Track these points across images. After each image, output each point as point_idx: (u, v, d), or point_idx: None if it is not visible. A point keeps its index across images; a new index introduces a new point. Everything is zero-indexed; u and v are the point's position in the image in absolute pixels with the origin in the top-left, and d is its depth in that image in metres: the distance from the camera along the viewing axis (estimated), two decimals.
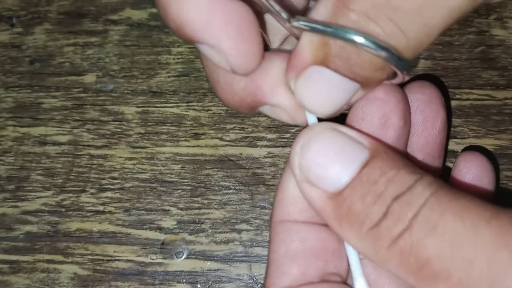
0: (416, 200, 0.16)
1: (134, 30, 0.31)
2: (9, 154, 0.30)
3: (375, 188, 0.17)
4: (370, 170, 0.17)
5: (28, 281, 0.28)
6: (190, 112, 0.30)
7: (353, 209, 0.17)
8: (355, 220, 0.17)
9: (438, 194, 0.16)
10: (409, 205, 0.16)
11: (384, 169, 0.17)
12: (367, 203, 0.17)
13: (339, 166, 0.18)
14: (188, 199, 0.29)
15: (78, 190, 0.29)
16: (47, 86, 0.31)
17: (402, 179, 0.17)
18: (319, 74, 0.18)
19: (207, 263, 0.28)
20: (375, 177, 0.17)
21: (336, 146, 0.18)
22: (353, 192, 0.17)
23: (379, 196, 0.17)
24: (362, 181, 0.17)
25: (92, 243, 0.28)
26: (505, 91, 0.29)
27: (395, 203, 0.17)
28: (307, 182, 0.18)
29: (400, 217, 0.16)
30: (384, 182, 0.17)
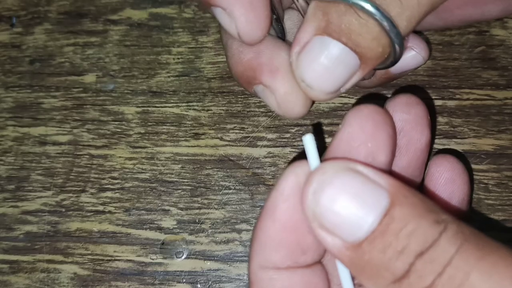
0: (440, 257, 0.15)
1: (134, 30, 0.31)
2: (9, 154, 0.30)
3: (397, 244, 0.16)
4: (391, 221, 0.16)
5: (28, 281, 0.28)
6: (190, 112, 0.30)
7: (374, 262, 0.16)
8: (375, 273, 0.16)
9: (464, 249, 0.15)
10: (432, 263, 0.15)
11: (406, 219, 0.16)
12: (389, 258, 0.16)
13: (357, 214, 0.16)
14: (188, 199, 0.29)
15: (78, 190, 0.29)
16: (47, 86, 0.31)
17: (426, 233, 0.16)
18: (321, 44, 0.18)
19: (207, 263, 0.28)
20: (396, 230, 0.16)
21: (353, 191, 0.16)
22: (373, 245, 0.16)
23: (401, 252, 0.16)
24: (383, 233, 0.16)
25: (92, 243, 0.28)
26: (505, 91, 0.29)
27: (418, 261, 0.15)
28: (323, 229, 0.17)
29: (423, 275, 0.15)
30: (406, 236, 0.16)
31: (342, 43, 0.18)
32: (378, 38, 0.18)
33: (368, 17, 0.18)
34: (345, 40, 0.18)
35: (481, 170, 0.28)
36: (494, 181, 0.28)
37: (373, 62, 0.19)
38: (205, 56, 0.31)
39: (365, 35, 0.18)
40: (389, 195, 0.16)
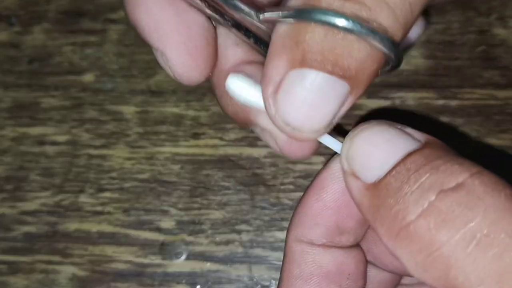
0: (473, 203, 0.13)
1: (133, 30, 0.31)
2: (7, 154, 0.30)
3: (415, 177, 0.14)
4: (415, 158, 0.15)
5: (26, 282, 0.28)
6: (189, 112, 0.30)
7: (388, 201, 0.15)
8: (388, 215, 0.15)
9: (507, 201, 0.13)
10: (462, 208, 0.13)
11: (431, 157, 0.15)
12: (404, 194, 0.14)
13: (385, 154, 0.15)
14: (187, 200, 0.28)
15: (77, 190, 0.29)
16: (46, 85, 0.31)
17: (453, 169, 0.14)
18: (300, 79, 0.16)
19: (207, 264, 0.28)
20: (419, 166, 0.15)
21: (386, 136, 0.16)
22: (391, 181, 0.15)
23: (419, 186, 0.14)
24: (404, 169, 0.15)
25: (91, 244, 0.28)
26: (507, 91, 0.28)
27: (442, 199, 0.14)
28: (352, 174, 0.16)
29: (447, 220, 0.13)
30: (428, 169, 0.14)
31: (327, 72, 0.15)
32: (370, 54, 0.16)
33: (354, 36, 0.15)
34: (330, 68, 0.15)
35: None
36: None
37: (367, 83, 0.17)
38: None
39: (353, 56, 0.15)
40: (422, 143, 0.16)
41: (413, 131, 0.16)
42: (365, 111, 0.29)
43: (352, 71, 0.16)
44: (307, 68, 0.15)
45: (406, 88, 0.29)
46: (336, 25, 0.14)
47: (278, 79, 0.16)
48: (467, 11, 0.29)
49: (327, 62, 0.15)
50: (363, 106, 0.29)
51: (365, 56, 0.15)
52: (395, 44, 0.15)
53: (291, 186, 0.28)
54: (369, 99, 0.29)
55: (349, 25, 0.14)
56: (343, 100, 0.16)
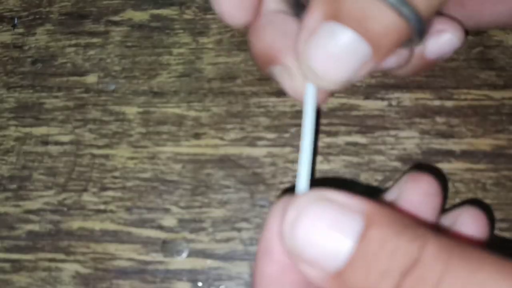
0: (429, 275, 0.15)
1: (135, 31, 0.32)
2: (11, 154, 0.30)
3: (377, 265, 0.15)
4: (368, 243, 0.15)
5: (29, 280, 0.28)
6: (190, 112, 0.30)
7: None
8: None
9: (452, 265, 0.15)
10: (422, 282, 0.15)
11: (384, 239, 0.15)
12: (373, 282, 0.15)
13: (334, 242, 0.16)
14: (188, 198, 0.29)
15: (80, 189, 0.29)
16: (49, 86, 0.31)
17: (406, 250, 0.15)
18: (330, 31, 0.17)
19: (208, 261, 0.28)
20: (375, 252, 0.15)
21: (327, 220, 0.16)
22: (354, 271, 0.16)
23: (384, 274, 0.15)
24: (362, 257, 0.15)
25: (93, 242, 0.29)
26: (503, 91, 0.29)
27: (406, 280, 0.15)
28: (303, 262, 0.16)
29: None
30: (387, 256, 0.15)
31: (352, 29, 0.17)
32: (395, 23, 0.17)
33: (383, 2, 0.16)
34: (355, 26, 0.17)
35: (478, 169, 0.28)
36: (492, 180, 0.28)
37: (387, 51, 0.18)
38: (205, 57, 0.31)
39: (379, 21, 0.16)
40: (364, 217, 0.16)
41: (350, 202, 0.16)
42: (363, 111, 0.29)
43: (376, 35, 0.17)
44: (337, 22, 0.17)
45: (402, 89, 0.29)
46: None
47: (312, 28, 0.18)
48: None
49: (354, 21, 0.17)
50: (360, 107, 0.29)
51: (390, 24, 0.17)
52: (421, 19, 0.16)
53: (290, 185, 0.28)
54: (366, 100, 0.29)
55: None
56: (363, 60, 0.17)
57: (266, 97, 0.30)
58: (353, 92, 0.29)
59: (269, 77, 0.30)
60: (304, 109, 0.20)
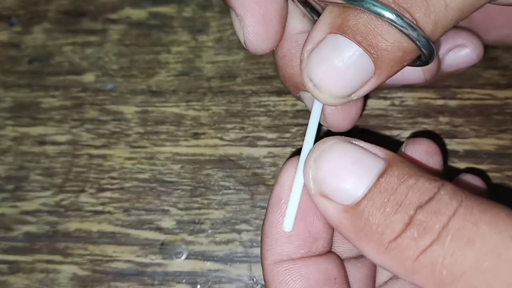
0: (444, 209, 0.16)
1: (133, 29, 0.31)
2: (8, 154, 0.30)
3: (395, 197, 0.16)
4: (388, 179, 0.17)
5: (27, 281, 0.28)
6: (189, 112, 0.30)
7: (372, 220, 0.16)
8: (374, 232, 0.16)
9: (467, 203, 0.16)
10: (436, 215, 0.16)
11: (403, 177, 0.17)
12: (387, 213, 0.16)
13: (355, 176, 0.17)
14: (187, 199, 0.29)
15: (77, 190, 0.29)
16: (46, 85, 0.31)
17: (424, 187, 0.16)
18: (333, 43, 0.17)
19: (207, 263, 0.28)
20: (394, 186, 0.16)
21: (351, 157, 0.17)
22: (371, 203, 0.16)
23: (400, 205, 0.16)
24: (380, 191, 0.16)
25: (91, 243, 0.28)
26: (506, 91, 0.29)
27: (420, 213, 0.16)
28: (322, 195, 0.17)
29: (427, 227, 0.16)
30: (404, 190, 0.16)
31: (356, 42, 0.17)
32: (399, 41, 0.17)
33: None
34: (359, 40, 0.17)
35: (482, 169, 0.28)
36: (495, 181, 0.28)
37: (390, 68, 0.18)
38: (204, 55, 0.30)
39: (384, 37, 0.17)
40: (385, 161, 0.17)
41: (373, 148, 0.18)
42: (365, 111, 0.29)
43: (378, 50, 0.17)
44: (341, 35, 0.17)
45: (405, 88, 0.29)
46: (382, 15, 0.16)
47: (317, 39, 0.18)
48: None
49: (358, 33, 0.17)
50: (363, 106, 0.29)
51: (393, 41, 0.17)
52: (429, 41, 0.17)
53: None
54: (369, 98, 0.29)
55: (384, 12, 0.16)
56: (366, 76, 0.18)
57: (267, 96, 0.29)
58: None
59: (269, 76, 0.30)
60: (308, 123, 0.20)
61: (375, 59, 0.17)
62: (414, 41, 0.17)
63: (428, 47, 0.17)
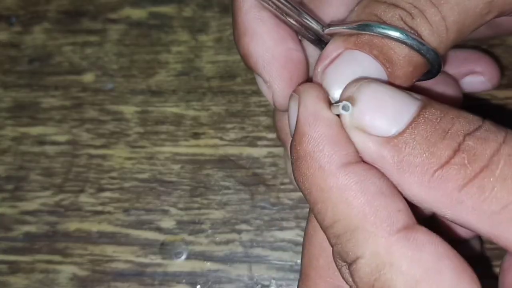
0: (493, 136, 0.15)
1: (133, 29, 0.31)
2: (7, 154, 0.30)
3: (440, 126, 0.16)
4: (431, 110, 0.16)
5: (27, 281, 0.28)
6: (189, 112, 0.30)
7: (417, 149, 0.16)
8: (419, 162, 0.16)
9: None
10: (486, 141, 0.15)
11: (444, 109, 0.16)
12: (434, 141, 0.15)
13: (396, 108, 0.16)
14: (187, 199, 0.29)
15: (77, 190, 0.29)
16: (46, 85, 0.31)
17: (469, 117, 0.16)
18: (350, 58, 0.18)
19: (207, 263, 0.28)
20: (438, 116, 0.16)
21: (390, 92, 0.17)
22: (415, 131, 0.16)
23: (446, 132, 0.15)
24: (425, 120, 0.16)
25: (91, 243, 0.28)
26: (506, 91, 0.29)
27: (469, 139, 0.15)
28: (360, 129, 0.17)
29: (477, 153, 0.15)
30: (450, 119, 0.16)
31: (373, 56, 0.17)
32: (410, 56, 0.18)
33: None
34: (376, 54, 0.17)
35: None
36: None
37: (400, 81, 0.18)
38: (204, 55, 0.30)
39: (397, 51, 0.17)
40: (422, 99, 0.17)
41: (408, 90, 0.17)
42: None
43: (392, 64, 0.18)
44: (359, 50, 0.18)
45: None
46: (382, 33, 0.17)
47: (333, 56, 0.18)
48: None
49: (374, 47, 0.17)
50: None
51: (404, 56, 0.18)
52: (436, 55, 0.18)
53: (291, 186, 0.28)
54: None
55: (401, 37, 0.17)
56: None
57: None
58: None
59: None
60: None
61: (390, 72, 0.18)
62: (423, 55, 0.17)
63: (436, 59, 0.18)
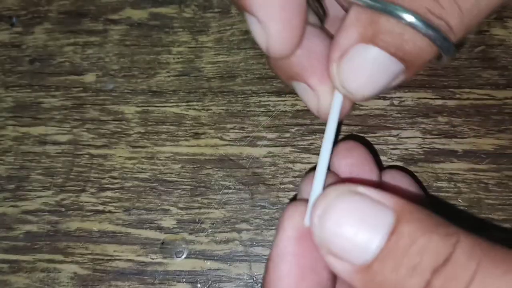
0: (461, 273, 0.14)
1: (134, 30, 0.31)
2: (9, 154, 0.30)
3: (408, 260, 0.15)
4: (399, 238, 0.15)
5: (28, 281, 0.28)
6: (190, 112, 0.30)
7: (387, 283, 0.15)
8: None
9: (485, 264, 0.15)
10: (453, 281, 0.14)
11: (414, 235, 0.15)
12: (402, 277, 0.15)
13: (364, 235, 0.16)
14: (188, 199, 0.29)
15: (78, 189, 0.29)
16: (47, 85, 0.31)
17: (438, 247, 0.15)
18: (365, 53, 0.17)
19: (207, 262, 0.28)
20: (406, 247, 0.15)
21: (358, 212, 0.16)
22: (383, 265, 0.15)
23: (414, 269, 0.15)
24: (392, 252, 0.15)
25: (92, 243, 0.28)
26: (505, 91, 0.29)
27: (436, 278, 0.15)
28: (331, 254, 0.16)
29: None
30: (418, 251, 0.15)
31: (389, 53, 0.17)
32: (429, 47, 0.17)
33: None
34: (393, 51, 0.17)
35: (481, 169, 0.28)
36: (494, 180, 0.28)
37: (418, 69, 0.18)
38: (205, 55, 0.31)
39: (416, 44, 0.17)
40: (395, 213, 0.16)
41: (380, 197, 0.16)
42: (364, 111, 0.29)
43: (410, 56, 0.17)
44: (374, 45, 0.17)
45: (404, 88, 0.29)
46: (404, 19, 0.16)
47: (346, 47, 0.18)
48: None
49: (392, 45, 0.17)
50: (362, 106, 0.29)
51: (424, 47, 0.17)
52: (451, 42, 0.17)
53: (290, 185, 0.28)
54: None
55: (416, 22, 0.16)
56: (396, 77, 0.18)
57: (267, 96, 0.30)
58: None
59: (269, 76, 0.30)
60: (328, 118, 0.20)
61: (406, 63, 0.18)
62: (437, 44, 0.17)
63: (451, 49, 0.18)
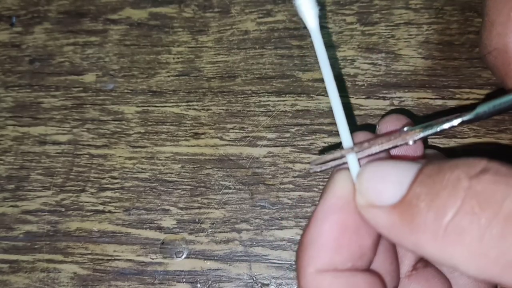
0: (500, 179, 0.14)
1: (134, 30, 0.31)
2: (9, 154, 0.30)
3: (441, 176, 0.15)
4: (430, 167, 0.16)
5: (27, 281, 0.28)
6: (190, 112, 0.30)
7: (424, 206, 0.15)
8: (429, 218, 0.15)
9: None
10: (495, 184, 0.14)
11: (441, 164, 0.16)
12: (437, 194, 0.15)
13: (398, 176, 0.17)
14: (188, 199, 0.29)
15: (78, 189, 0.29)
16: (47, 85, 0.31)
17: (469, 161, 0.15)
18: None
19: (207, 262, 0.28)
20: (436, 170, 0.16)
21: (390, 164, 0.17)
22: (417, 190, 0.16)
23: (448, 182, 0.15)
24: (424, 179, 0.16)
25: (92, 243, 0.28)
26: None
27: (476, 183, 0.14)
28: (370, 206, 0.17)
29: (487, 198, 0.14)
30: (449, 167, 0.15)
31: None
32: None
33: None
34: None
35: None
36: None
37: None
38: (205, 55, 0.31)
39: None
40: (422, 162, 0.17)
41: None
42: (364, 111, 0.29)
43: None
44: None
45: (404, 88, 0.29)
46: None
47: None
48: (466, 12, 0.30)
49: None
50: (362, 106, 0.29)
51: None
52: None
53: (290, 185, 0.28)
54: (368, 99, 0.29)
55: None
56: None
57: (267, 96, 0.30)
58: (354, 92, 0.29)
59: (269, 76, 0.30)
60: None
61: None
62: None
63: None
